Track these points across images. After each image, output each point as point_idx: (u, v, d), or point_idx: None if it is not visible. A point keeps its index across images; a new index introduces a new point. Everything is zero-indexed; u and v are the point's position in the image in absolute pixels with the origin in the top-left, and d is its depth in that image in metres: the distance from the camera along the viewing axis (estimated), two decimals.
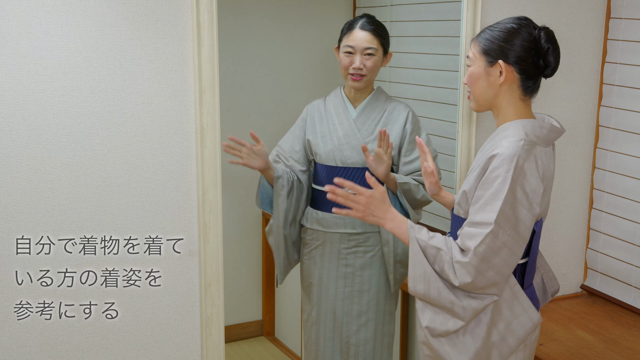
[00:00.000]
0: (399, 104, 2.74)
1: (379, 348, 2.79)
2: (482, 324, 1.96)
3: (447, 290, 1.93)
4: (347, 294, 2.75)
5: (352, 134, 2.68)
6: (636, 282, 2.86)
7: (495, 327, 1.97)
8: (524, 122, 1.98)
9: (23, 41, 2.05)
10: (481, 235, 1.88)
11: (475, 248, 1.88)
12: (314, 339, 2.82)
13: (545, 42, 1.97)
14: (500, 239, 1.88)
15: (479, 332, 1.96)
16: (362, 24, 2.64)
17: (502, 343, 1.98)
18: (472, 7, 2.62)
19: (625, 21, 2.85)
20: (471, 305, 1.93)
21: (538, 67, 1.99)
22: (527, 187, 1.90)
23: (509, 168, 1.88)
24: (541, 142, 1.97)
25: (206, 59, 2.24)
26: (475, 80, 2.02)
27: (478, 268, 1.88)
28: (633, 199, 2.84)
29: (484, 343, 1.96)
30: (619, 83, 2.89)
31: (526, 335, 2.00)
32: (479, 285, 1.91)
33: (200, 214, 2.32)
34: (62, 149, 2.15)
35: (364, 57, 2.62)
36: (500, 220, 1.87)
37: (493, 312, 1.96)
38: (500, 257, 1.89)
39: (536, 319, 2.01)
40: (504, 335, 1.97)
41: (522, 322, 1.99)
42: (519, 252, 1.92)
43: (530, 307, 2.00)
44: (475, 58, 2.02)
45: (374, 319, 2.76)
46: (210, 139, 2.29)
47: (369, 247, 2.73)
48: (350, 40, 2.63)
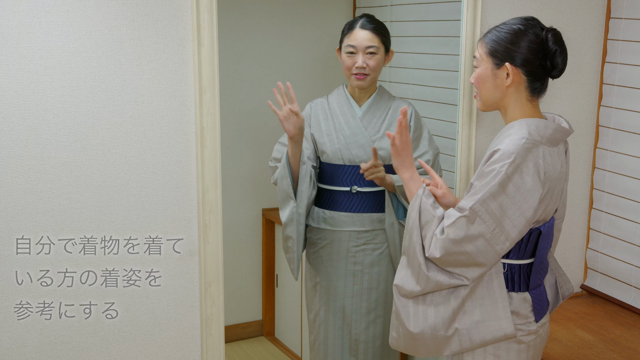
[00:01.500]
0: (402, 102, 2.77)
1: (387, 344, 2.80)
2: (449, 305, 1.98)
3: (421, 253, 1.98)
4: (356, 291, 2.76)
5: (360, 133, 2.70)
6: (636, 282, 2.86)
7: (464, 316, 1.97)
8: (529, 121, 1.97)
9: (23, 41, 2.05)
10: (454, 217, 1.92)
11: (447, 227, 1.92)
12: (323, 338, 2.82)
13: (552, 44, 1.96)
14: (476, 227, 1.90)
15: (443, 311, 1.98)
16: (362, 23, 2.65)
17: (465, 335, 1.98)
18: (472, 7, 2.63)
19: (625, 21, 2.85)
20: (436, 278, 1.96)
21: (545, 68, 1.98)
22: (522, 186, 1.90)
23: (505, 163, 1.88)
24: (545, 141, 1.96)
25: (206, 59, 2.24)
26: (483, 82, 2.03)
27: (447, 248, 1.92)
28: (633, 199, 2.84)
29: (444, 323, 1.98)
30: (619, 83, 2.89)
31: (493, 340, 1.98)
32: (446, 264, 1.95)
33: (200, 214, 2.32)
34: (62, 149, 2.15)
35: (366, 56, 2.63)
36: (478, 209, 1.89)
37: (465, 301, 1.97)
38: (474, 245, 1.91)
39: (509, 331, 1.98)
40: (469, 328, 1.98)
41: (492, 327, 1.97)
42: (498, 248, 1.92)
43: (507, 318, 1.97)
44: (482, 59, 2.02)
45: (382, 316, 2.77)
46: (210, 139, 2.29)
47: (377, 245, 2.74)
48: (351, 40, 2.64)
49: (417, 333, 2.00)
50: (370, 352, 2.78)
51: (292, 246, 2.72)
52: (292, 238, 2.71)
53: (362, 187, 2.71)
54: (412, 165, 2.11)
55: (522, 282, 2.03)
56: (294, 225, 2.69)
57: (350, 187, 2.71)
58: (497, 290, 1.98)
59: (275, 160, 2.75)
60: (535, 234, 2.01)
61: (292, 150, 2.63)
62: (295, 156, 2.63)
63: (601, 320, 2.81)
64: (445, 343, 2.00)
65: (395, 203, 2.69)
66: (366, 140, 2.69)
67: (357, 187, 2.71)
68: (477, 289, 1.98)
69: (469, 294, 1.97)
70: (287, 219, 2.69)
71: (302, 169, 2.66)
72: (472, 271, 1.95)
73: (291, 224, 2.69)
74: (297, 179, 2.68)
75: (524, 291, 2.03)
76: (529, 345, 2.03)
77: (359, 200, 2.72)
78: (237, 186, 4.01)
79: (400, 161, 2.11)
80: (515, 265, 2.02)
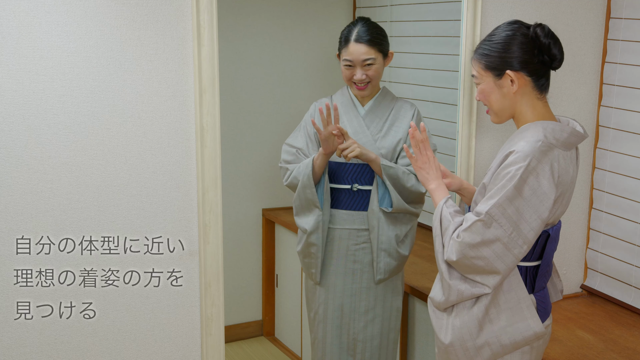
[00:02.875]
0: (405, 102, 2.77)
1: (385, 343, 2.81)
2: (472, 314, 1.97)
3: (442, 260, 1.99)
4: (354, 290, 2.76)
5: (362, 132, 2.71)
6: (636, 282, 2.86)
7: (491, 325, 1.97)
8: (545, 123, 1.97)
9: (23, 41, 2.05)
10: (471, 221, 1.91)
11: (463, 231, 1.92)
12: (321, 337, 2.83)
13: (544, 38, 1.96)
14: (492, 231, 1.89)
15: (468, 321, 1.98)
16: (357, 36, 2.64)
17: (496, 343, 1.98)
18: (472, 7, 2.63)
19: (625, 21, 2.85)
20: (458, 287, 1.96)
21: (545, 63, 1.98)
22: (538, 188, 1.89)
23: (521, 166, 1.88)
24: (560, 145, 1.95)
25: (206, 59, 2.24)
26: (488, 95, 2.03)
27: (464, 251, 1.91)
28: (633, 199, 2.84)
29: (471, 334, 1.98)
30: (619, 83, 2.89)
31: (524, 341, 1.98)
32: (465, 269, 1.94)
33: (200, 214, 2.32)
34: (62, 149, 2.15)
35: (365, 67, 2.65)
36: (495, 213, 1.88)
37: (489, 310, 1.96)
38: (491, 250, 1.90)
39: (538, 329, 1.99)
40: (498, 335, 1.97)
41: (520, 329, 1.97)
42: (517, 251, 1.91)
43: (534, 317, 1.98)
44: (480, 75, 2.02)
45: (380, 315, 2.78)
46: (210, 139, 2.29)
47: None
48: (347, 54, 2.66)
49: (448, 345, 2.01)
50: (368, 351, 2.79)
51: (316, 252, 2.75)
52: (316, 245, 2.74)
53: (363, 185, 2.72)
54: (437, 177, 2.10)
55: (528, 285, 2.02)
56: (319, 233, 2.72)
57: (351, 185, 2.72)
58: (518, 292, 1.98)
59: (286, 162, 2.76)
60: (544, 236, 2.01)
61: (321, 162, 2.66)
62: (322, 168, 2.67)
63: (601, 320, 2.81)
64: (477, 354, 1.99)
65: (381, 191, 2.68)
66: (368, 139, 2.70)
67: (358, 185, 2.72)
68: (499, 295, 1.97)
69: (492, 301, 1.96)
70: (312, 227, 2.72)
71: (324, 177, 2.70)
72: (492, 279, 1.93)
73: (316, 232, 2.72)
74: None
75: (530, 293, 2.02)
76: (532, 347, 2.03)
77: (360, 199, 2.73)
78: (237, 186, 4.01)
79: (425, 174, 2.11)
80: (522, 267, 2.01)
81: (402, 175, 2.64)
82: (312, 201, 2.69)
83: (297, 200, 2.74)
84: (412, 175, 2.66)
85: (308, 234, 2.73)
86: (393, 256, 2.71)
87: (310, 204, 2.71)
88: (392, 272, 2.74)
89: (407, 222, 2.73)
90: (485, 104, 2.06)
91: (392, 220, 2.70)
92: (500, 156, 1.99)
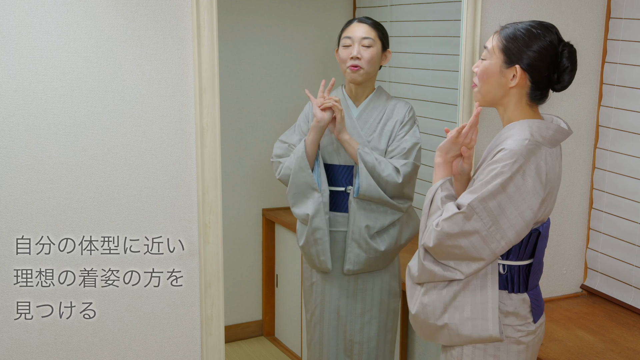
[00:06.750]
0: (399, 101, 2.74)
1: (382, 345, 2.80)
2: (441, 296, 2.00)
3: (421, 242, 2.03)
4: (351, 292, 2.75)
5: (355, 133, 2.69)
6: (636, 282, 2.86)
7: (455, 311, 1.99)
8: (530, 122, 1.97)
9: (23, 41, 2.05)
10: (452, 212, 1.92)
11: (443, 220, 1.93)
12: (318, 338, 2.83)
13: (566, 60, 1.95)
14: (472, 224, 1.90)
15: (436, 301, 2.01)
16: (360, 18, 2.70)
17: (454, 330, 2.00)
18: (472, 7, 2.63)
19: (625, 21, 2.85)
20: (430, 268, 1.98)
21: (550, 80, 1.98)
22: (522, 186, 1.90)
23: (507, 163, 1.88)
24: (547, 142, 1.96)
25: (206, 59, 2.24)
26: (488, 76, 2.01)
27: (441, 240, 1.93)
28: (633, 199, 2.84)
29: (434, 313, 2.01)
30: (619, 83, 2.89)
31: (478, 339, 1.99)
32: (439, 255, 1.97)
33: (200, 214, 2.32)
34: (62, 149, 2.15)
35: (362, 47, 2.63)
36: (476, 207, 1.89)
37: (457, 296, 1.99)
38: (468, 241, 1.91)
39: (494, 334, 1.98)
40: (458, 324, 1.99)
41: (478, 326, 1.98)
42: (494, 246, 1.92)
43: (494, 320, 1.98)
44: (493, 52, 2.00)
45: (377, 317, 2.77)
46: (210, 139, 2.29)
47: None
48: (348, 32, 2.67)
49: (414, 315, 2.06)
50: (365, 353, 2.78)
51: (322, 237, 2.66)
52: (321, 228, 2.65)
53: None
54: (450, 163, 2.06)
55: (522, 283, 2.03)
56: (321, 215, 2.64)
57: (345, 187, 2.71)
58: (489, 290, 1.98)
59: (277, 157, 2.74)
60: (534, 235, 2.01)
61: (313, 137, 2.61)
62: (315, 144, 2.62)
63: (601, 320, 2.81)
64: (437, 332, 2.03)
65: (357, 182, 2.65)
66: (361, 141, 2.67)
67: (352, 187, 2.70)
68: (471, 285, 1.98)
69: (462, 288, 1.98)
70: (313, 211, 2.64)
71: (317, 164, 2.66)
72: (466, 265, 1.95)
73: (318, 215, 2.64)
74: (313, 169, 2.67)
75: (523, 292, 2.03)
76: (528, 345, 2.04)
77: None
78: (237, 186, 4.01)
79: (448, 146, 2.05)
80: (515, 266, 2.02)
81: (376, 163, 2.59)
82: (309, 184, 2.63)
83: (293, 188, 2.67)
84: (389, 165, 2.60)
85: (311, 219, 2.65)
86: (363, 248, 2.64)
87: (307, 188, 2.64)
88: (364, 265, 2.67)
89: (384, 214, 2.66)
90: (478, 80, 2.03)
91: (364, 210, 2.64)
92: (486, 154, 2.00)
